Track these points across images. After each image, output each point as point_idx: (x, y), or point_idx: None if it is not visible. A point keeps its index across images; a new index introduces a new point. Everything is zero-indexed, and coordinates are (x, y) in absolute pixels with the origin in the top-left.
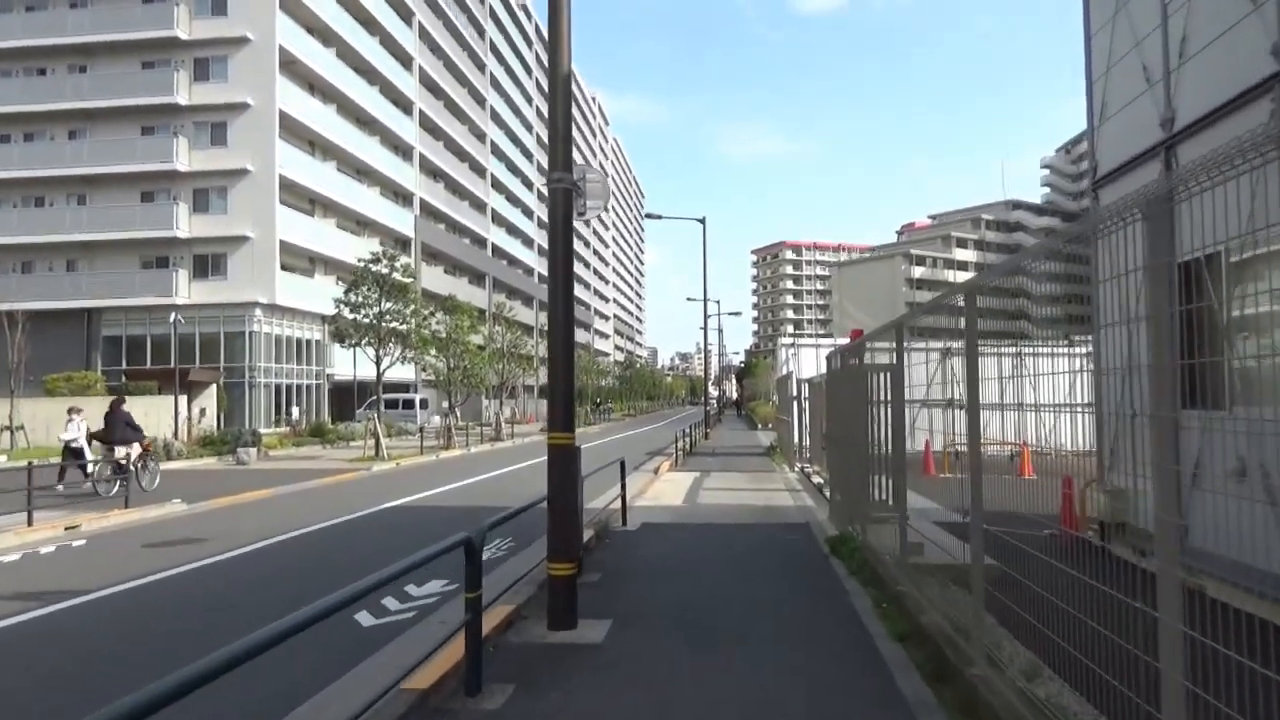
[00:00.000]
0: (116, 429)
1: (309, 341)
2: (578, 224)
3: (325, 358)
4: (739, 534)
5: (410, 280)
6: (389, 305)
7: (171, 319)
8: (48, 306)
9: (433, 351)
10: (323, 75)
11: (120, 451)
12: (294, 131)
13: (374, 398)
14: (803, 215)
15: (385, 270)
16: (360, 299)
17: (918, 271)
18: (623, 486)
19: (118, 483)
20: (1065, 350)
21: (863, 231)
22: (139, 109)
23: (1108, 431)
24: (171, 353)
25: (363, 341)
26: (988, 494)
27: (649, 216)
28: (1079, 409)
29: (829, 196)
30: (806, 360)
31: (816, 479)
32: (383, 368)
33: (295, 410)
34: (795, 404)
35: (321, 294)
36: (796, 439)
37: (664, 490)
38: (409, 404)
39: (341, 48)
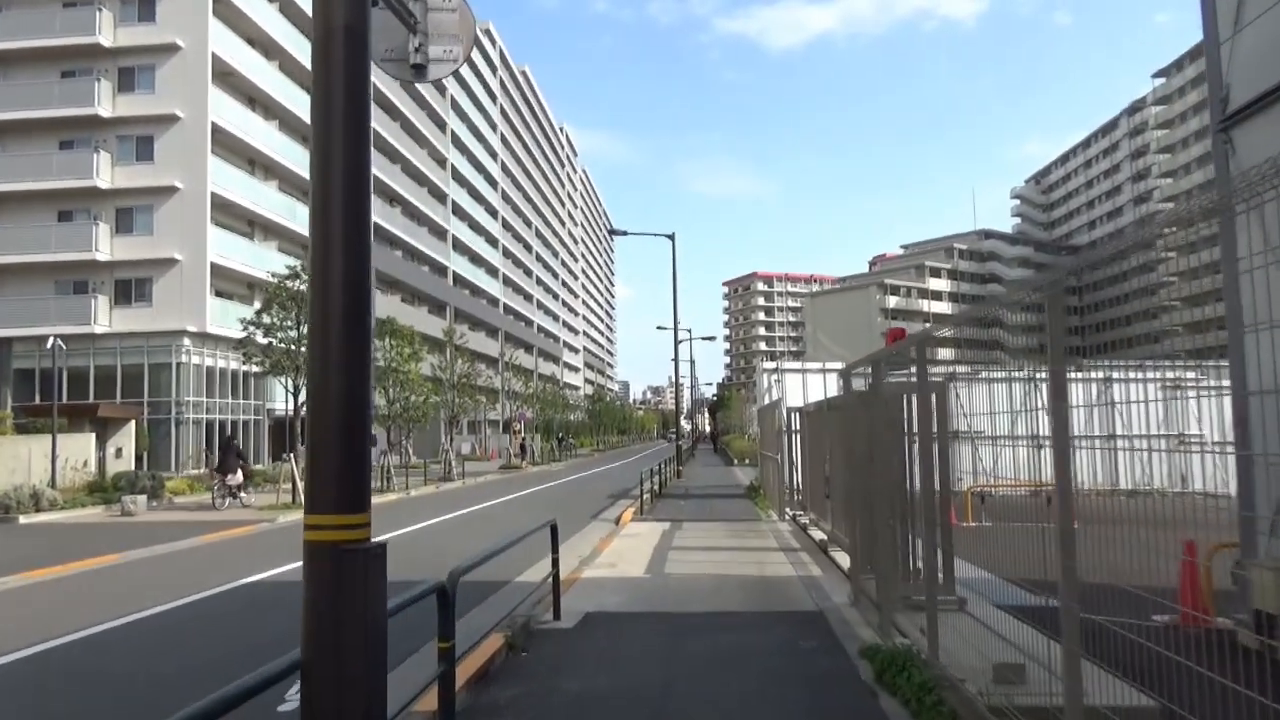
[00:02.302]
0: (227, 461)
1: (245, 374)
2: (544, 251)
3: (265, 391)
4: (728, 638)
5: None
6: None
7: (50, 344)
8: None
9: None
10: (264, 89)
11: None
12: (230, 148)
13: (300, 435)
14: (773, 249)
15: (303, 287)
16: (274, 320)
17: (892, 301)
18: (554, 564)
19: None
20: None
21: (834, 263)
22: (57, 121)
23: (1268, 479)
24: (89, 386)
25: (273, 370)
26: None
27: (614, 233)
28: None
29: (799, 231)
30: (792, 387)
31: (817, 534)
32: (301, 400)
33: None
34: (785, 438)
35: None
36: (786, 479)
37: (624, 551)
38: None
39: (285, 61)
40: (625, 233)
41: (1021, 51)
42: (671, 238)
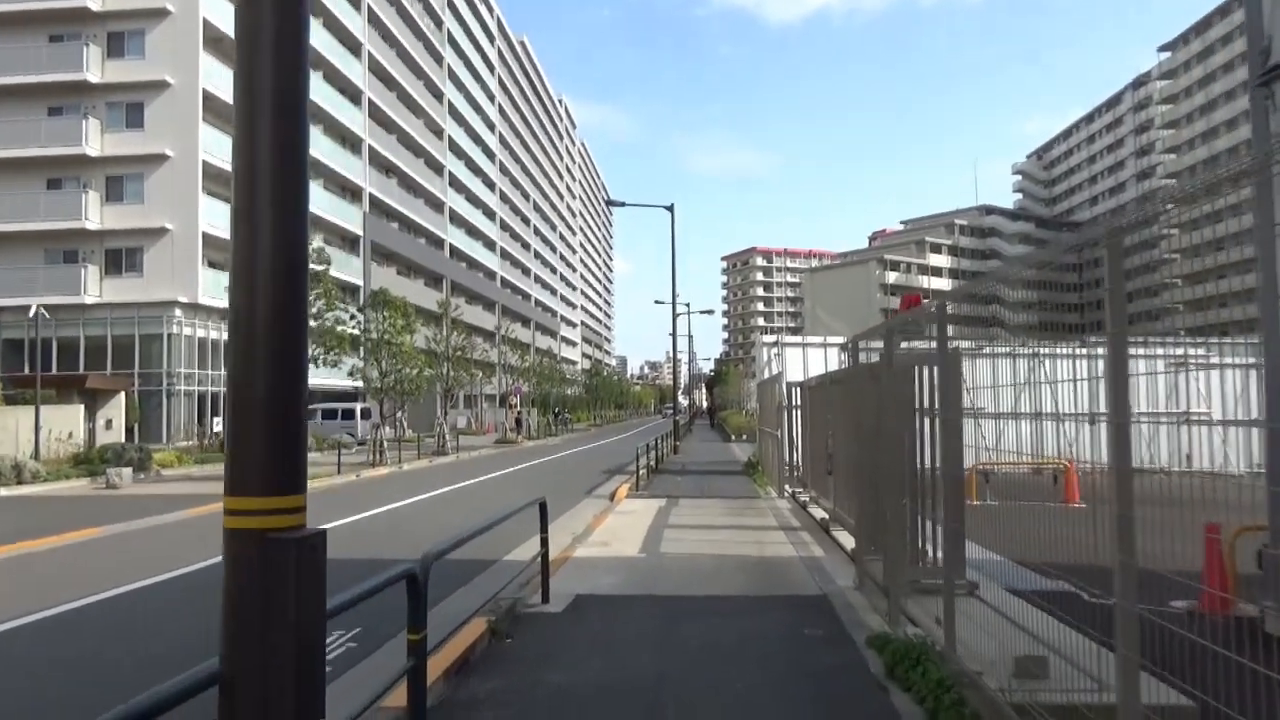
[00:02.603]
0: None
1: None
2: (542, 224)
3: None
4: (728, 625)
5: (324, 268)
6: None
7: (31, 313)
8: None
9: (353, 353)
10: None
11: None
12: (223, 115)
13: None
14: (773, 225)
15: None
16: None
17: (891, 277)
18: (543, 544)
19: None
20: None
21: (834, 239)
22: (45, 87)
23: None
24: (80, 357)
25: None
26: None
27: (612, 204)
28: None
29: (798, 206)
30: (793, 361)
31: (818, 511)
32: None
33: (217, 421)
34: (785, 413)
35: None
36: (786, 456)
37: (618, 528)
38: (349, 414)
39: None
40: (623, 203)
41: (1024, 26)
42: (670, 209)
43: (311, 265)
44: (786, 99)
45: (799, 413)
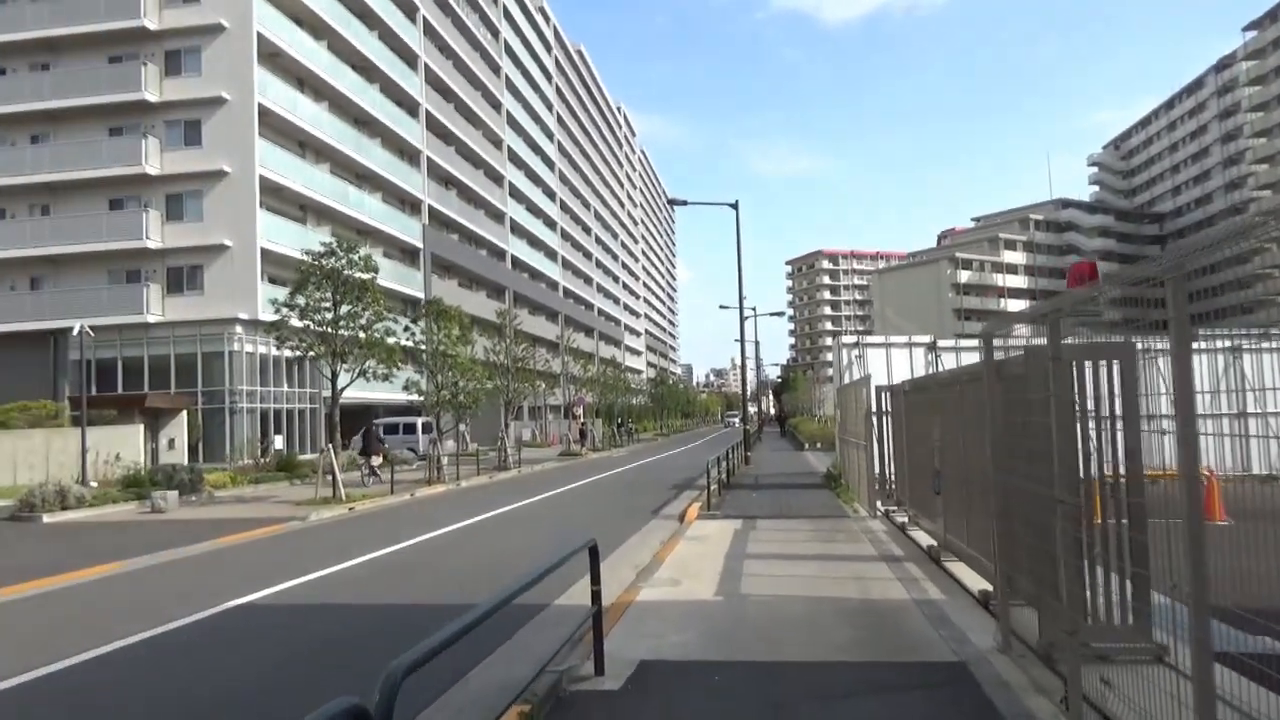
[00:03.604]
0: (369, 444)
1: (301, 361)
2: (603, 233)
3: (321, 379)
4: (843, 714)
5: (371, 276)
6: (348, 308)
7: (76, 330)
8: (9, 329)
9: (404, 365)
10: (313, 70)
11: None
12: (280, 130)
13: (366, 423)
14: (838, 227)
15: (340, 264)
16: (309, 301)
17: (964, 276)
18: (595, 601)
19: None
20: None
21: (901, 239)
22: (105, 108)
23: None
24: (144, 377)
25: (310, 352)
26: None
27: (674, 203)
28: None
29: (863, 208)
30: (875, 363)
31: (922, 536)
32: (341, 385)
33: (278, 439)
34: (874, 421)
35: None
36: (878, 469)
37: (689, 559)
38: (410, 429)
39: (335, 41)
40: (685, 202)
41: (1090, 15)
42: (735, 206)
43: (357, 273)
44: (848, 99)
45: (889, 420)
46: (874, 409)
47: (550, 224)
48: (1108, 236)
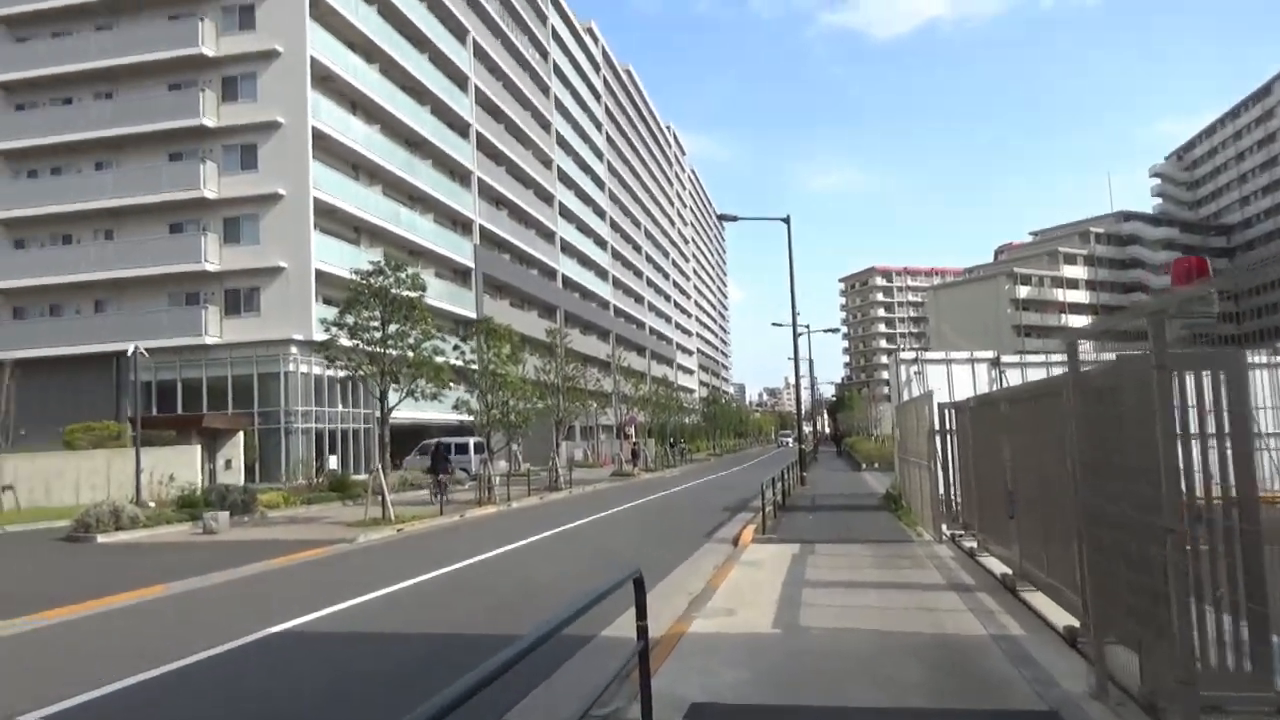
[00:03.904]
0: (437, 464)
1: (355, 381)
2: (654, 252)
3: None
4: None
5: (419, 294)
6: (396, 327)
7: (130, 352)
8: (74, 351)
9: (451, 384)
10: (365, 92)
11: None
12: (333, 152)
13: (424, 444)
14: (892, 245)
15: (388, 282)
16: (357, 320)
17: (1023, 291)
18: (641, 634)
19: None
20: None
21: (957, 255)
22: (165, 134)
23: None
24: (202, 397)
25: (358, 371)
26: None
27: (725, 218)
28: None
29: (917, 225)
30: (936, 379)
31: (993, 563)
32: (391, 404)
33: (332, 459)
34: (937, 439)
35: None
36: (942, 491)
37: (744, 587)
38: (462, 448)
39: (386, 64)
40: (736, 218)
41: (1147, 26)
42: (786, 220)
43: (405, 291)
44: (900, 115)
45: (953, 439)
46: (937, 427)
47: (601, 243)
48: (1173, 249)
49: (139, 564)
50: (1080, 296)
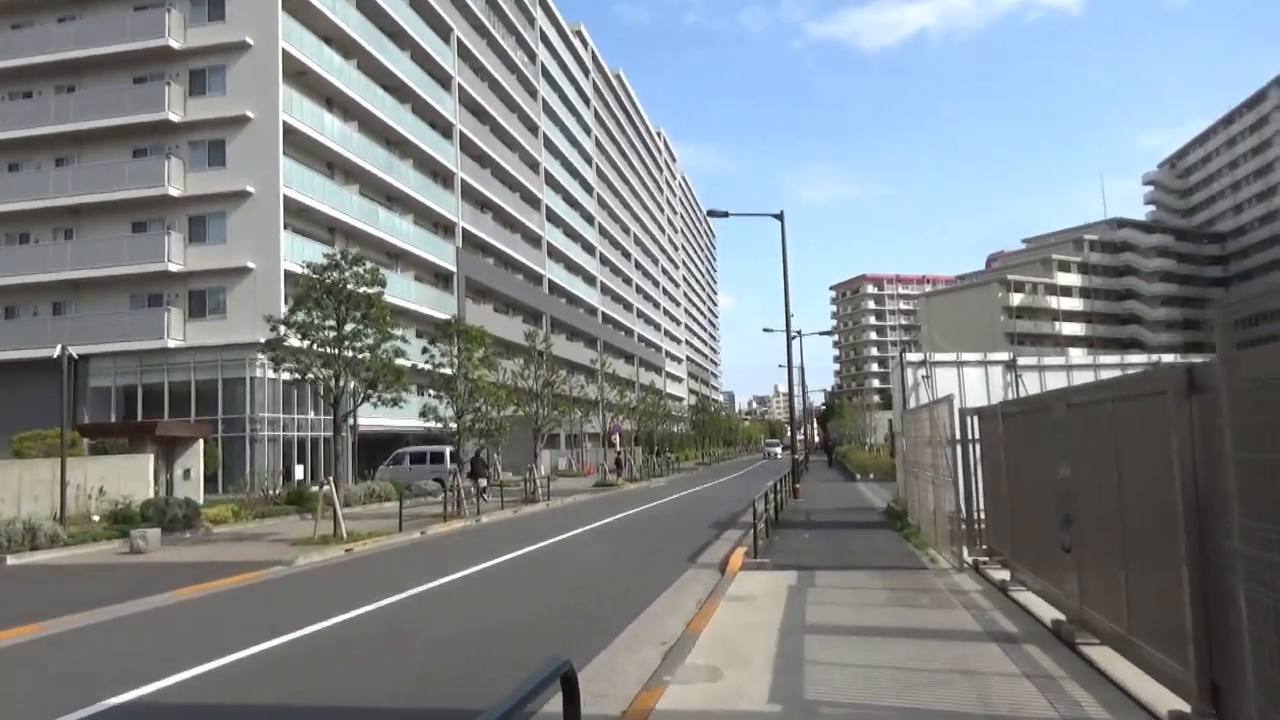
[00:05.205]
0: (476, 468)
1: (306, 385)
2: (643, 258)
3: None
4: None
5: (376, 291)
6: (352, 326)
7: (57, 354)
8: (31, 355)
9: (428, 390)
10: (342, 89)
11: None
12: (307, 150)
13: (398, 452)
14: (881, 253)
15: (344, 277)
16: (308, 318)
17: (1016, 299)
18: None
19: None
20: None
21: (947, 263)
22: (129, 129)
23: None
24: (164, 403)
25: (308, 374)
26: None
27: (714, 214)
28: None
29: (908, 234)
30: (945, 383)
31: (1033, 601)
32: (345, 410)
33: (299, 469)
34: (959, 450)
35: None
36: (962, 510)
37: (731, 632)
38: (438, 457)
39: (365, 60)
40: (726, 213)
41: (1131, 37)
42: (780, 217)
43: (364, 289)
44: (889, 126)
45: (976, 449)
46: (958, 436)
47: (589, 248)
48: (1167, 256)
49: (34, 594)
50: (1074, 304)
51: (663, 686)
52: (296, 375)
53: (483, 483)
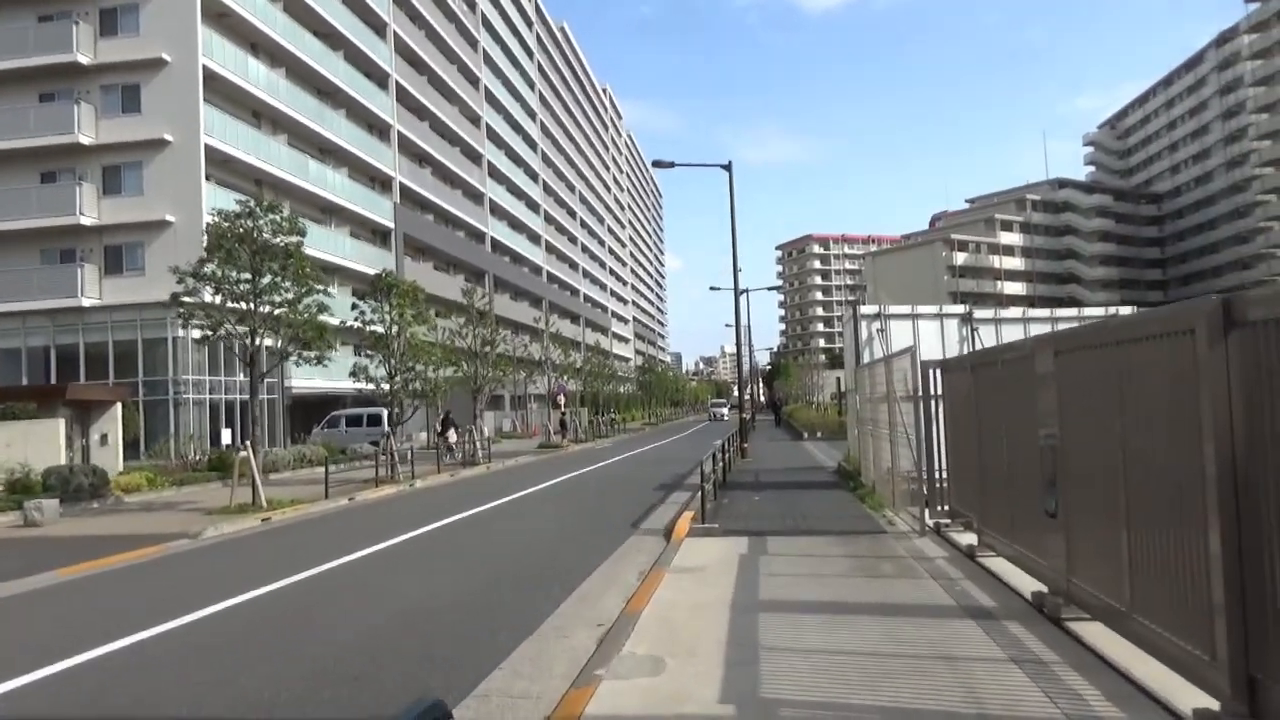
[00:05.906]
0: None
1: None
2: (589, 217)
3: (282, 367)
4: None
5: (296, 240)
6: (269, 279)
7: None
8: None
9: (343, 347)
10: (267, 33)
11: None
12: (230, 97)
13: (332, 415)
14: (827, 213)
15: (259, 225)
16: (218, 270)
17: (960, 258)
18: None
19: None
20: None
21: (892, 223)
22: (35, 71)
23: None
24: (79, 366)
25: (219, 330)
26: None
27: (659, 164)
28: None
29: (853, 194)
30: (900, 336)
31: (1008, 569)
32: (262, 370)
33: (226, 433)
34: (921, 406)
35: None
36: (924, 470)
37: (676, 612)
38: (375, 420)
39: (292, 4)
40: (672, 164)
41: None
42: (728, 167)
43: (281, 238)
44: (833, 86)
45: (940, 405)
46: (919, 391)
47: (533, 206)
48: (1106, 216)
49: None
50: (1016, 263)
51: (594, 684)
52: (208, 332)
53: (452, 437)
